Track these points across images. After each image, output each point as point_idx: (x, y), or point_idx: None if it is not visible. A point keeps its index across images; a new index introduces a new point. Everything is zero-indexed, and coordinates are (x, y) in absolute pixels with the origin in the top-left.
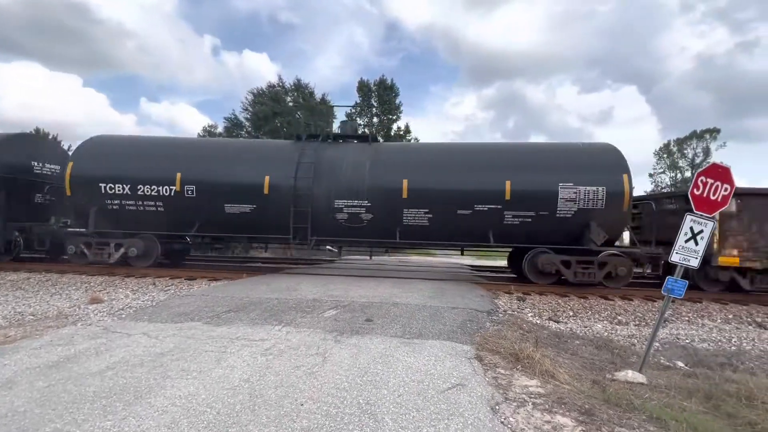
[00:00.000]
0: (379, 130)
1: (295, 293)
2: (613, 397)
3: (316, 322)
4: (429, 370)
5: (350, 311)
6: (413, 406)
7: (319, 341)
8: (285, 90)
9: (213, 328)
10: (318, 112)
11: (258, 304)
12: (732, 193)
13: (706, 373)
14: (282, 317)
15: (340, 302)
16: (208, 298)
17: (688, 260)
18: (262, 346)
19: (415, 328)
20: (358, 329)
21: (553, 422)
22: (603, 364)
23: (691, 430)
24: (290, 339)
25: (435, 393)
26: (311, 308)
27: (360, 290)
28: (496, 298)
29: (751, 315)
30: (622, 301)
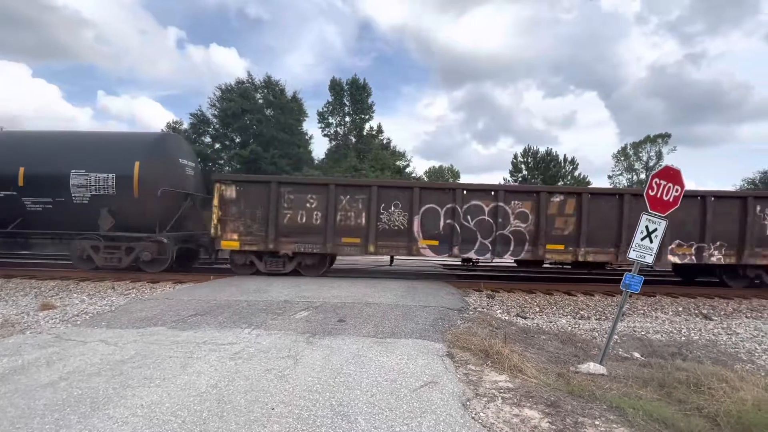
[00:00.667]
0: (352, 130)
1: (265, 295)
2: (576, 388)
3: (288, 323)
4: (402, 369)
5: (323, 312)
6: (386, 405)
7: (290, 343)
8: (255, 87)
9: (178, 333)
10: (289, 110)
11: (226, 307)
12: (682, 193)
13: (659, 363)
14: (252, 320)
15: (312, 303)
16: (173, 301)
17: (644, 257)
18: (231, 350)
19: (387, 327)
20: (331, 330)
21: (522, 415)
22: (567, 358)
23: (647, 416)
24: (260, 342)
25: (408, 391)
26: (282, 310)
27: (333, 291)
28: (467, 296)
29: (698, 307)
30: (585, 296)
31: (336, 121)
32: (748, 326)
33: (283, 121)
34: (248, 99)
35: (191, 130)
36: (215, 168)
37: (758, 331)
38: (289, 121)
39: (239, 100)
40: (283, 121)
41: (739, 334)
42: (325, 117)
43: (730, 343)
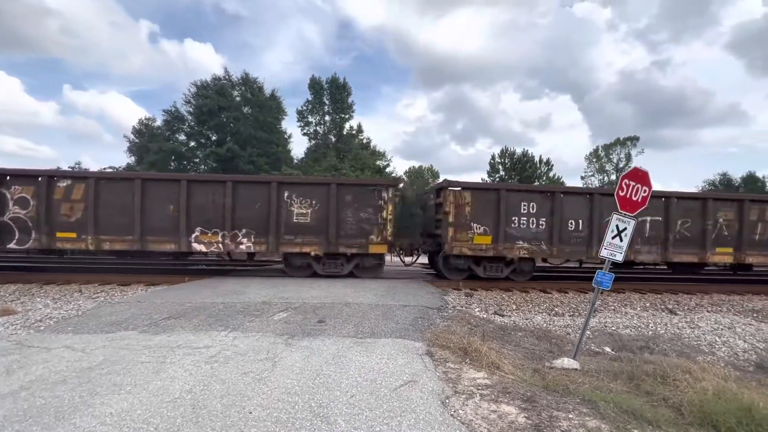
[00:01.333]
0: (332, 129)
1: (242, 296)
2: (551, 383)
3: (266, 325)
4: (382, 369)
5: (302, 313)
6: (366, 405)
7: (268, 345)
8: (232, 84)
9: (150, 337)
10: (267, 108)
11: (202, 310)
12: (650, 194)
13: (628, 357)
14: (228, 322)
15: (291, 304)
16: (145, 304)
17: (614, 255)
18: (207, 353)
19: (367, 327)
20: (310, 331)
21: (499, 411)
22: (543, 354)
23: (617, 408)
24: (237, 345)
25: (388, 391)
26: (260, 311)
27: (312, 291)
28: (446, 295)
29: (664, 303)
30: (559, 294)
31: (316, 120)
32: (709, 320)
33: (261, 119)
34: (225, 96)
35: (165, 127)
36: (190, 166)
37: (718, 324)
38: (267, 119)
39: (216, 97)
40: (262, 119)
41: (701, 328)
42: (304, 116)
43: (693, 336)
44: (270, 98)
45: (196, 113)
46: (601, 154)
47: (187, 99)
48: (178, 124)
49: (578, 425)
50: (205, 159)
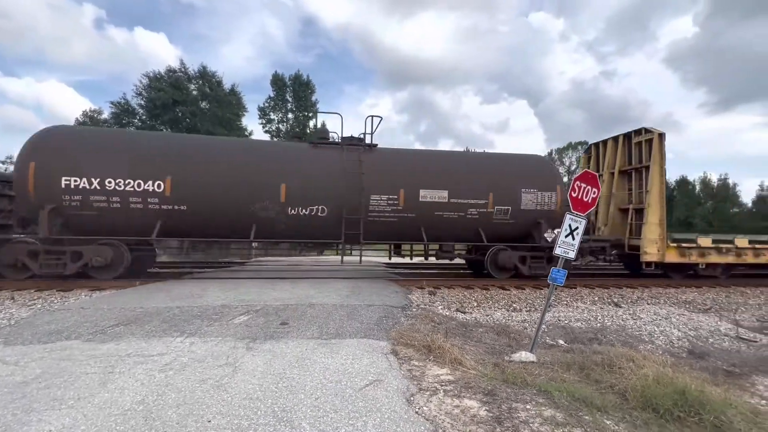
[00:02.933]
0: (295, 127)
1: (200, 300)
2: (510, 377)
3: (226, 329)
4: (347, 369)
5: (264, 315)
6: (331, 407)
7: (228, 350)
8: (188, 77)
9: (96, 346)
10: (227, 103)
11: (155, 315)
12: (598, 195)
13: (580, 348)
14: (185, 327)
15: (253, 307)
16: (90, 311)
17: (567, 253)
18: (161, 361)
19: (332, 328)
20: (273, 334)
21: (462, 406)
22: (502, 348)
23: (570, 397)
24: (195, 351)
25: (353, 392)
26: (219, 315)
27: (274, 293)
28: (410, 294)
29: (610, 297)
30: (517, 290)
31: (278, 117)
32: (649, 312)
33: (220, 114)
34: (180, 89)
35: (113, 120)
36: None
37: (656, 315)
38: (227, 115)
39: (170, 90)
40: (221, 114)
41: (642, 319)
42: (266, 112)
43: (635, 327)
44: (230, 93)
45: (149, 106)
46: (555, 157)
47: (138, 91)
48: (128, 117)
49: (535, 415)
50: None
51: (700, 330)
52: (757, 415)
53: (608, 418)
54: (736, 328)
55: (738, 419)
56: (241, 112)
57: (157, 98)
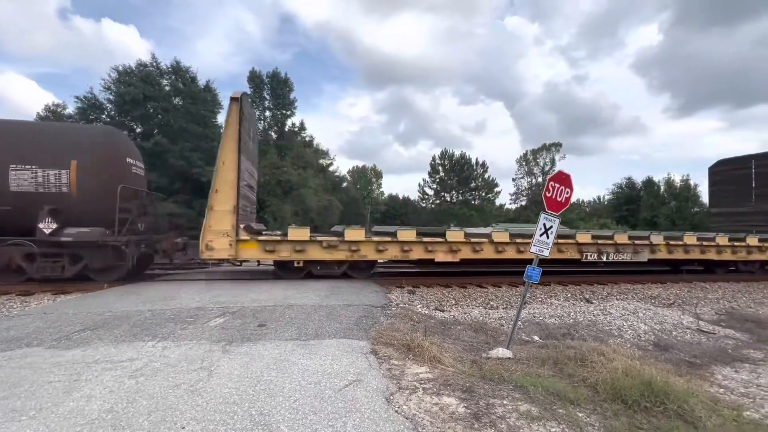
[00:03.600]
0: (272, 125)
1: (173, 302)
2: (488, 373)
3: (200, 332)
4: (326, 370)
5: (240, 317)
6: (310, 409)
7: (203, 354)
8: (160, 72)
9: (60, 353)
10: (202, 100)
11: (125, 319)
12: (572, 195)
13: (553, 344)
14: (157, 331)
15: (229, 309)
16: (53, 316)
17: (542, 251)
18: (131, 367)
19: (311, 329)
20: (250, 336)
21: (441, 403)
22: (480, 345)
23: (544, 391)
24: (168, 355)
25: (332, 392)
26: (194, 318)
27: (251, 294)
28: (389, 293)
29: (582, 293)
30: (494, 288)
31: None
32: (618, 307)
33: (194, 111)
34: (152, 85)
35: (78, 116)
36: None
37: (625, 310)
38: (201, 112)
39: (141, 85)
40: (195, 111)
41: (612, 314)
42: None
43: (606, 322)
44: (204, 90)
45: (118, 102)
46: (530, 158)
47: (106, 85)
48: (95, 112)
49: (511, 410)
50: None
51: (665, 324)
52: (716, 403)
53: (580, 411)
54: (697, 321)
55: (699, 407)
56: (217, 109)
57: (126, 93)
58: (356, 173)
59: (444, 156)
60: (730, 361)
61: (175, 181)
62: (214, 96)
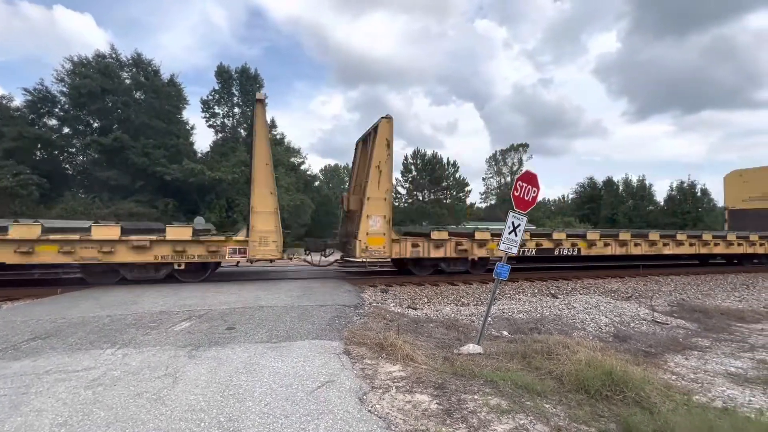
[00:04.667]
0: (242, 122)
1: (135, 307)
2: (459, 369)
3: (165, 337)
4: (298, 373)
5: (208, 321)
6: (281, 412)
7: (168, 360)
8: (120, 64)
9: (7, 365)
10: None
11: (81, 326)
12: (538, 194)
13: (522, 338)
14: (116, 338)
15: (195, 312)
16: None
17: (510, 249)
18: (88, 376)
19: (282, 330)
20: (218, 340)
21: (414, 401)
22: (451, 342)
23: (513, 385)
24: (129, 362)
25: (304, 395)
26: (158, 322)
27: (220, 296)
28: (362, 292)
29: (548, 289)
30: (465, 285)
31: (223, 111)
32: (581, 301)
33: (158, 106)
34: (111, 77)
35: (27, 109)
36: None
37: (588, 304)
38: (165, 107)
39: (98, 78)
40: (158, 107)
41: (575, 308)
42: (210, 106)
43: (570, 316)
44: (168, 84)
45: (73, 94)
46: (499, 158)
47: (59, 77)
48: (46, 105)
49: (482, 404)
50: (84, 149)
51: (624, 316)
52: (669, 389)
53: (547, 402)
54: (652, 313)
55: (654, 394)
56: (182, 105)
57: (82, 86)
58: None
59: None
60: (681, 349)
61: (137, 179)
62: (179, 91)
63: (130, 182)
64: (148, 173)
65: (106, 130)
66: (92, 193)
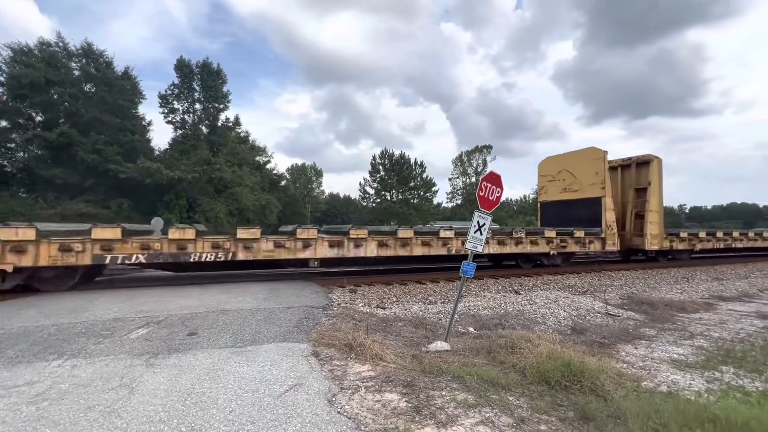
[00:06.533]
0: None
1: (85, 314)
2: (428, 366)
3: (119, 346)
4: (264, 377)
5: (167, 327)
6: (248, 419)
7: (123, 369)
8: (68, 53)
9: None
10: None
11: (22, 337)
12: (502, 195)
13: (487, 334)
14: (64, 348)
15: (154, 318)
16: None
17: (476, 247)
18: (30, 391)
19: (248, 334)
20: (179, 346)
21: (383, 400)
22: (420, 340)
23: (479, 379)
24: (78, 374)
25: (271, 399)
26: (111, 330)
27: (180, 300)
28: (331, 293)
29: (511, 285)
30: (432, 284)
31: (183, 107)
32: (542, 297)
33: (110, 100)
34: (57, 68)
35: None
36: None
37: (548, 299)
38: (119, 101)
39: (42, 68)
40: (111, 100)
41: (537, 303)
42: (168, 101)
43: (532, 311)
44: (122, 77)
45: (12, 85)
46: (464, 159)
47: None
48: None
49: (449, 400)
50: (25, 144)
51: (580, 309)
52: (621, 377)
53: (511, 395)
54: (606, 306)
55: (608, 382)
56: (138, 99)
57: (23, 75)
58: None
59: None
60: (631, 339)
61: (87, 177)
62: (134, 84)
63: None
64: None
65: (51, 124)
66: (35, 192)
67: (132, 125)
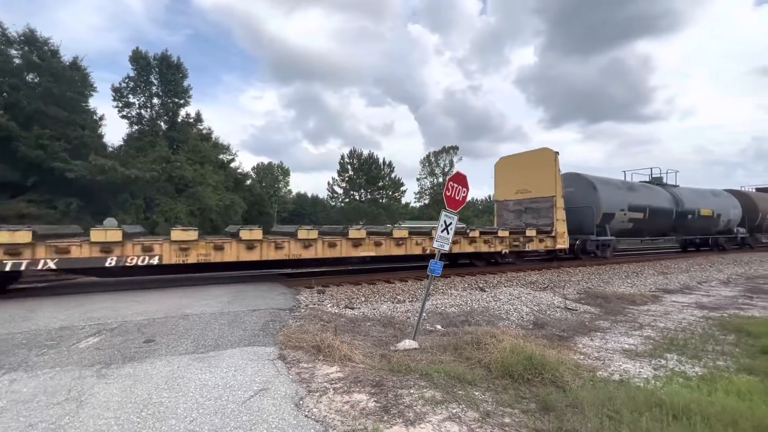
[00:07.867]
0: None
1: (26, 324)
2: (396, 366)
3: (66, 357)
4: (228, 383)
5: (122, 334)
6: (210, 427)
7: (70, 382)
8: (7, 40)
9: None
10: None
11: None
12: (468, 194)
13: (453, 331)
14: (2, 361)
15: (106, 325)
16: None
17: (443, 246)
18: None
19: (210, 339)
20: (134, 355)
21: (351, 401)
22: (388, 339)
23: (447, 376)
24: (18, 389)
25: (236, 406)
26: (57, 340)
27: (137, 306)
28: (298, 294)
29: (477, 283)
30: (401, 283)
31: (140, 101)
32: (506, 293)
33: (56, 92)
34: None
35: None
36: None
37: (511, 296)
38: (67, 93)
39: None
40: (58, 93)
41: (501, 300)
42: (123, 94)
43: (496, 307)
44: (71, 67)
45: None
46: (432, 159)
47: None
48: None
49: (418, 398)
50: None
51: (541, 305)
52: (578, 368)
53: (477, 390)
54: (564, 301)
55: (566, 373)
56: (88, 92)
57: None
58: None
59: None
60: (587, 331)
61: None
62: (84, 75)
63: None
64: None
65: None
66: None
67: (82, 119)
